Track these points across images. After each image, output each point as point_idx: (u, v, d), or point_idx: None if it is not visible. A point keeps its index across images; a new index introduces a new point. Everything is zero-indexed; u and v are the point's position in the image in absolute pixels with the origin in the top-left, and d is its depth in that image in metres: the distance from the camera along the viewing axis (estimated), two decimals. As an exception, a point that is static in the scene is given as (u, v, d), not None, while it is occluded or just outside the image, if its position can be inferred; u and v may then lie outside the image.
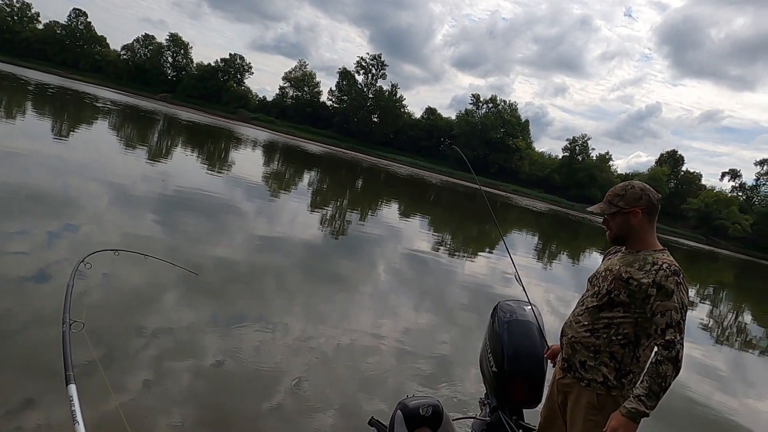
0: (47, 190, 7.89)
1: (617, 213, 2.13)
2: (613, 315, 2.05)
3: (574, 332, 2.17)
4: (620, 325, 2.04)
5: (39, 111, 21.43)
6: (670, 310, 1.91)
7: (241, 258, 6.93)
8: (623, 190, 2.14)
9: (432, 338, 5.56)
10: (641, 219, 2.09)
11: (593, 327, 2.09)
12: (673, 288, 1.92)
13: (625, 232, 2.13)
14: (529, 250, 16.54)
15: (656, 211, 2.12)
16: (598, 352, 2.08)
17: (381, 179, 35.65)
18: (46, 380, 3.09)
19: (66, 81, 59.26)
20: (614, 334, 2.05)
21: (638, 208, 2.10)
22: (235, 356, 4.00)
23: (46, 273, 4.70)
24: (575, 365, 2.15)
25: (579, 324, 2.16)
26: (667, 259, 2.01)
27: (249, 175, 16.81)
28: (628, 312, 2.02)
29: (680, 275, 1.96)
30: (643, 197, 2.10)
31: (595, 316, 2.10)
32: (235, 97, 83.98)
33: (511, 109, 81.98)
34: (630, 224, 2.11)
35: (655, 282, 1.95)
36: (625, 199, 2.12)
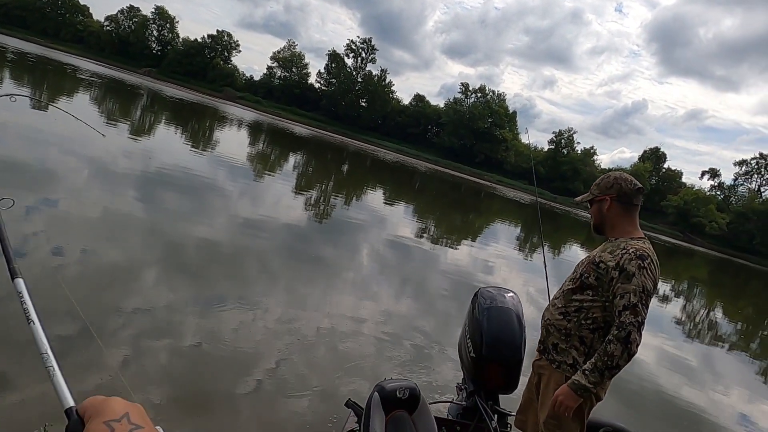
0: (22, 164, 7.69)
1: (592, 201, 2.24)
2: (584, 298, 2.10)
3: (550, 315, 2.24)
4: (590, 309, 2.09)
5: (19, 81, 20.80)
6: (629, 292, 1.94)
7: (222, 238, 6.88)
8: (600, 179, 2.25)
9: (411, 324, 5.61)
10: (612, 206, 2.16)
11: (566, 310, 2.15)
12: (634, 271, 1.95)
13: (599, 219, 2.22)
14: (511, 240, 16.71)
15: (629, 200, 2.16)
16: (569, 335, 2.14)
17: (367, 164, 35.52)
18: (20, 353, 3.05)
19: (47, 50, 57.51)
20: (584, 318, 2.10)
21: (608, 195, 2.17)
22: (214, 336, 3.98)
23: (21, 244, 4.61)
24: (549, 347, 2.22)
25: (554, 307, 2.23)
26: (636, 245, 2.04)
27: (233, 156, 16.60)
28: (597, 295, 2.07)
29: (646, 260, 1.97)
30: (614, 185, 2.17)
31: (568, 298, 2.17)
32: (222, 75, 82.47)
33: (499, 99, 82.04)
34: (602, 211, 2.19)
35: (618, 264, 1.99)
36: (600, 187, 2.22)
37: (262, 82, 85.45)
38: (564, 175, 73.09)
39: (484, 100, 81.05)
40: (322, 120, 76.66)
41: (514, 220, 25.12)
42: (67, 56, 58.74)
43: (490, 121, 78.72)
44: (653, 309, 10.29)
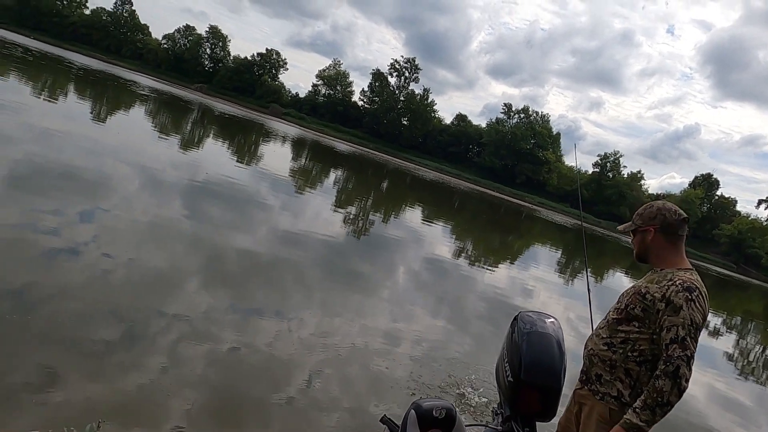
0: (79, 172, 8.12)
1: (635, 231, 2.21)
2: (630, 329, 2.06)
3: (594, 345, 2.20)
4: (636, 341, 2.04)
5: (82, 94, 22.11)
6: (676, 325, 1.89)
7: (262, 250, 7.01)
8: (643, 209, 2.21)
9: (447, 344, 5.52)
10: (656, 237, 2.13)
11: (611, 341, 2.11)
12: (681, 303, 1.90)
13: (643, 249, 2.19)
14: (551, 264, 16.29)
15: (674, 230, 2.12)
16: (614, 367, 2.09)
17: (406, 182, 35.62)
18: (68, 351, 3.18)
19: (108, 66, 60.98)
20: (630, 350, 2.05)
21: (651, 226, 2.14)
22: (250, 346, 4.04)
23: (74, 249, 4.84)
24: (592, 378, 2.17)
25: (599, 337, 2.19)
26: (684, 276, 1.99)
27: (277, 170, 17.00)
28: (643, 327, 2.02)
29: (694, 292, 1.92)
30: (657, 216, 2.14)
31: (613, 329, 2.12)
32: (269, 92, 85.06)
33: (542, 120, 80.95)
34: (646, 242, 2.16)
35: (665, 296, 1.95)
36: (642, 217, 2.18)
37: (307, 99, 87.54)
38: (609, 199, 71.02)
39: (527, 121, 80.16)
40: (363, 137, 77.63)
41: (554, 243, 24.52)
42: (126, 72, 62.06)
43: (532, 142, 77.69)
44: (703, 343, 9.77)
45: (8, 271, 4.01)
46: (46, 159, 8.09)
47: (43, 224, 5.19)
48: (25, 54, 34.06)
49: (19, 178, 6.64)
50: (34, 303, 3.65)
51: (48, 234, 5.00)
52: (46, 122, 11.71)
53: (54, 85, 21.95)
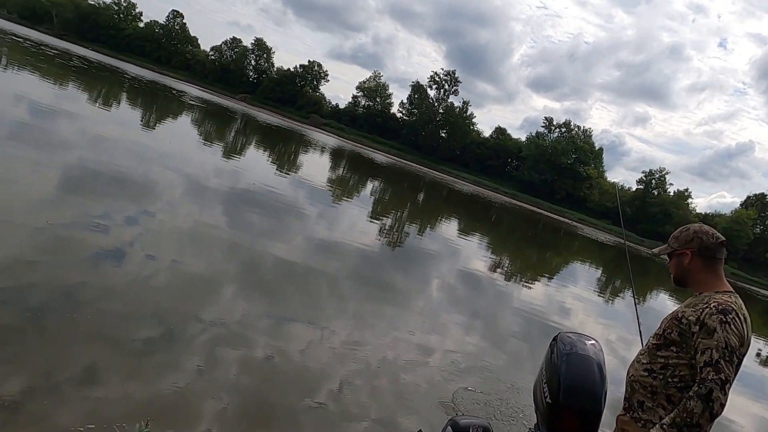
0: (128, 177, 8.47)
1: (671, 254, 2.19)
2: (669, 354, 2.04)
3: (635, 371, 2.18)
4: (676, 367, 2.01)
5: (134, 103, 23.15)
6: (710, 348, 1.85)
7: (298, 258, 7.11)
8: (679, 232, 2.20)
9: (480, 360, 5.43)
10: (693, 261, 2.11)
11: (651, 367, 2.09)
12: (715, 326, 1.87)
13: (680, 273, 2.17)
14: (591, 283, 15.82)
15: (712, 254, 2.10)
16: (655, 393, 2.06)
17: (443, 195, 35.47)
18: (111, 350, 3.30)
19: (159, 77, 63.71)
20: (671, 376, 2.02)
21: (688, 249, 2.12)
22: (282, 352, 4.09)
23: (120, 251, 5.04)
24: (634, 405, 2.14)
25: (639, 363, 2.17)
26: (720, 299, 1.96)
27: (315, 179, 17.26)
28: (681, 352, 2.00)
29: (729, 314, 1.88)
30: (695, 240, 2.12)
31: (653, 355, 2.11)
32: (310, 102, 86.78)
33: (584, 135, 79.22)
34: (683, 266, 2.14)
35: (699, 319, 1.92)
36: (679, 240, 2.17)
37: (347, 111, 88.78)
38: (653, 217, 68.54)
39: (569, 136, 78.61)
40: (401, 149, 77.95)
41: (594, 260, 23.83)
42: (176, 82, 64.63)
43: (574, 157, 76.05)
44: (751, 370, 9.23)
45: (59, 270, 4.21)
46: (97, 164, 8.49)
47: (93, 226, 5.43)
48: (84, 64, 35.99)
49: (72, 181, 6.99)
50: (81, 302, 3.82)
51: (97, 236, 5.23)
52: (100, 129, 12.30)
53: (108, 94, 23.08)
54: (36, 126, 10.02)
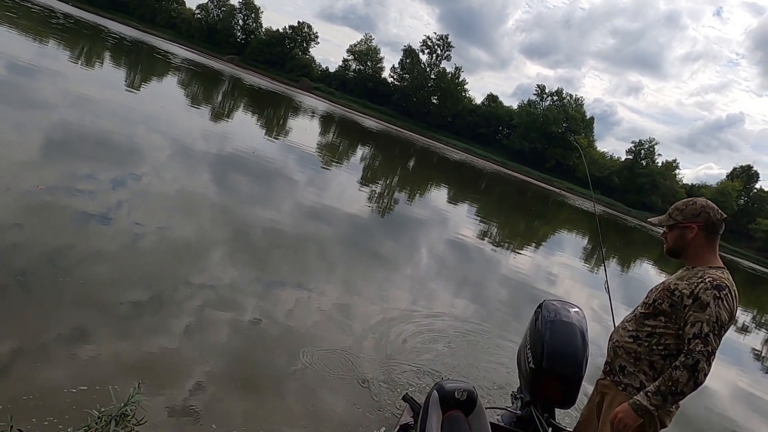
0: (113, 139, 8.30)
1: (674, 226, 2.17)
2: (656, 324, 2.09)
3: (619, 337, 2.23)
4: (662, 335, 2.07)
5: (116, 61, 22.47)
6: (701, 321, 1.91)
7: (288, 223, 7.09)
8: (684, 205, 2.17)
9: (466, 325, 5.53)
10: (697, 235, 2.11)
11: (637, 334, 2.15)
12: (709, 300, 1.92)
13: (680, 246, 2.16)
14: (577, 251, 16.06)
15: (716, 230, 2.12)
16: (638, 359, 2.13)
17: (433, 162, 35.36)
18: (99, 313, 3.30)
19: (143, 35, 61.65)
20: (656, 344, 2.08)
21: (695, 223, 2.11)
22: (270, 316, 4.12)
23: (107, 215, 4.98)
24: (615, 369, 2.20)
25: (625, 330, 2.22)
26: (715, 274, 2.00)
27: (304, 144, 17.06)
28: (670, 322, 2.05)
29: (723, 290, 1.94)
30: (702, 214, 2.11)
31: (640, 323, 2.16)
32: (299, 66, 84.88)
33: (576, 104, 78.86)
34: (685, 239, 2.13)
35: (693, 293, 1.97)
36: (684, 213, 2.14)
37: (337, 74, 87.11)
38: (641, 187, 69.23)
39: (561, 104, 78.23)
40: (392, 114, 77.08)
41: (582, 230, 24.11)
42: (160, 41, 62.64)
43: (564, 125, 75.92)
44: (731, 340, 9.53)
45: (44, 233, 4.16)
46: (81, 125, 8.29)
47: (78, 189, 5.35)
48: (66, 21, 34.68)
49: (55, 143, 6.84)
50: (68, 265, 3.79)
51: (82, 199, 5.15)
52: (83, 89, 11.96)
53: (91, 53, 22.34)
54: (17, 84, 9.71)
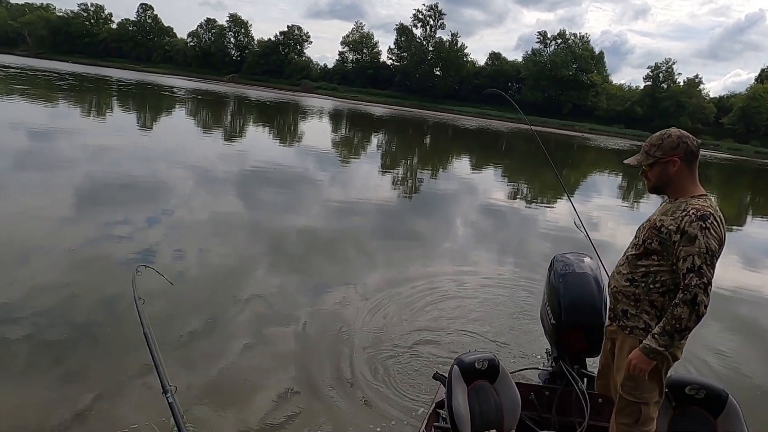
0: (137, 180, 8.55)
1: (655, 163, 2.12)
2: (649, 263, 2.09)
3: (616, 282, 2.23)
4: (657, 273, 2.07)
5: (125, 106, 23.05)
6: (692, 255, 1.91)
7: (321, 224, 7.19)
8: (660, 139, 2.12)
9: (517, 294, 5.51)
10: (680, 168, 2.07)
11: (632, 276, 2.15)
12: (696, 233, 1.92)
13: (663, 181, 2.12)
14: (613, 191, 15.68)
15: (695, 158, 2.10)
16: (638, 300, 2.13)
17: (449, 134, 35.01)
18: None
19: (143, 75, 62.93)
20: (652, 282, 2.09)
21: (676, 156, 2.07)
22: (319, 319, 4.21)
23: (149, 251, 5.17)
24: (618, 314, 2.21)
25: (620, 274, 2.21)
26: (697, 204, 1.99)
27: (319, 145, 17.17)
28: (662, 259, 2.05)
29: (708, 220, 1.93)
30: (680, 145, 2.07)
31: (633, 265, 2.15)
32: (297, 69, 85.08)
33: (582, 42, 76.39)
34: (668, 173, 2.09)
35: (679, 228, 1.96)
36: (662, 148, 2.10)
37: (336, 69, 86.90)
38: (666, 111, 66.70)
39: (566, 46, 75.90)
40: (397, 96, 76.49)
41: (612, 169, 23.50)
42: (161, 77, 63.80)
43: (574, 67, 73.70)
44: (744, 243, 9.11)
45: (96, 284, 4.35)
46: (105, 174, 8.57)
47: (116, 236, 5.55)
48: (70, 80, 35.72)
49: (85, 196, 7.10)
50: (122, 310, 3.96)
51: (123, 244, 5.35)
52: (100, 140, 12.35)
53: (100, 105, 22.98)
54: (38, 150, 10.10)
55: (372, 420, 3.00)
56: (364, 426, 2.94)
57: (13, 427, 2.57)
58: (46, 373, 3.06)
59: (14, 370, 3.03)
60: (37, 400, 2.82)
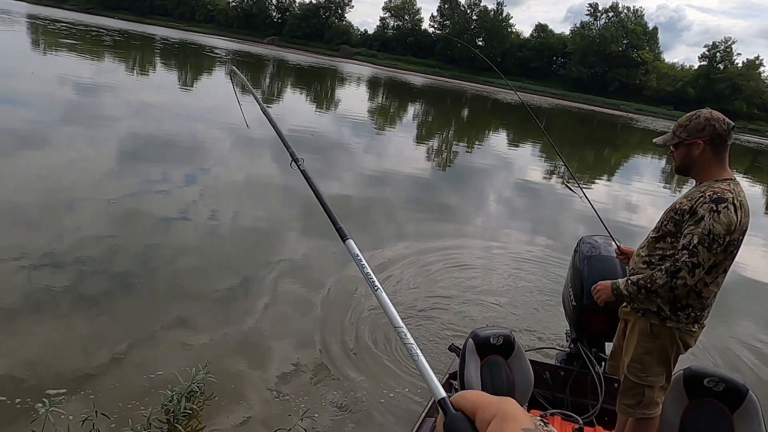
0: (177, 138, 8.74)
1: (679, 144, 2.05)
2: (665, 246, 2.06)
3: (634, 264, 2.20)
4: (673, 257, 2.00)
5: (168, 65, 23.40)
6: (692, 234, 1.88)
7: (352, 192, 7.23)
8: (688, 120, 2.04)
9: (536, 274, 5.45)
10: (703, 151, 1.99)
11: (650, 259, 2.11)
12: (704, 214, 1.87)
13: (687, 163, 2.06)
14: (655, 175, 15.13)
15: (723, 141, 2.00)
16: None
17: (487, 107, 34.25)
18: (192, 301, 3.60)
19: (186, 34, 63.47)
20: None
21: (700, 138, 1.98)
22: (341, 284, 4.28)
23: (185, 210, 5.33)
24: None
25: (638, 257, 2.19)
26: (717, 188, 1.92)
27: (355, 113, 17.09)
28: (676, 242, 1.99)
29: (722, 203, 1.86)
30: (707, 128, 1.98)
31: (652, 247, 2.12)
32: (337, 34, 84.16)
33: (636, 16, 72.59)
34: (691, 156, 2.02)
35: (691, 208, 1.92)
36: (688, 130, 2.02)
37: (377, 35, 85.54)
38: (721, 94, 63.20)
39: (618, 20, 72.29)
40: (437, 66, 74.94)
41: (657, 152, 22.62)
42: (203, 37, 64.23)
43: (625, 42, 70.29)
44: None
45: (133, 236, 4.53)
46: (146, 131, 8.80)
47: (155, 190, 5.74)
48: (116, 36, 36.38)
49: (128, 151, 7.32)
50: (158, 263, 4.13)
51: (161, 199, 5.53)
52: (143, 96, 12.62)
53: (144, 62, 23.39)
54: (84, 104, 10.41)
55: (385, 386, 3.07)
56: (376, 391, 3.02)
57: (55, 365, 2.74)
58: (85, 318, 3.24)
59: (58, 313, 3.22)
60: (77, 342, 2.99)
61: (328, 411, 2.77)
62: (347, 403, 2.87)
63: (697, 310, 2.02)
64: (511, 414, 0.46)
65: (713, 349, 4.07)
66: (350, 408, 2.83)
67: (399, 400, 2.95)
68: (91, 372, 2.72)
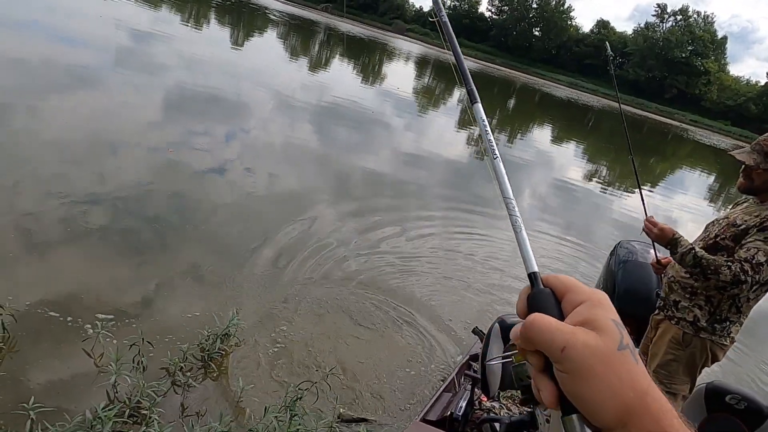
0: (223, 95, 8.87)
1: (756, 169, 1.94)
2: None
3: (675, 272, 2.16)
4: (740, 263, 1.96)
5: (222, 21, 23.62)
6: (759, 249, 1.82)
7: (386, 170, 7.23)
8: None
9: (569, 272, 5.37)
10: None
11: None
12: None
13: (759, 186, 1.97)
14: (700, 191, 14.57)
15: None
16: (694, 294, 2.07)
17: (535, 100, 33.42)
18: (219, 254, 3.71)
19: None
20: None
21: None
22: (376, 254, 4.32)
23: (222, 165, 5.44)
24: (669, 303, 2.17)
25: (681, 268, 2.14)
26: None
27: (400, 90, 16.94)
28: (731, 257, 1.94)
29: None
30: None
31: None
32: (393, 8, 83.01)
33: (705, 22, 69.01)
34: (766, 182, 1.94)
35: (759, 223, 1.87)
36: None
37: (430, 13, 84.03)
38: (786, 114, 59.94)
39: (685, 24, 68.90)
40: (490, 52, 73.26)
41: (706, 167, 21.74)
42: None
43: (689, 49, 67.07)
44: None
45: (170, 185, 4.66)
46: (194, 85, 8.94)
47: (196, 143, 5.87)
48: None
49: (173, 103, 7.48)
50: (191, 212, 4.25)
51: (200, 154, 5.65)
52: (193, 50, 12.80)
53: (198, 15, 23.64)
54: (137, 50, 10.63)
55: (406, 355, 3.13)
56: (396, 358, 3.08)
57: (101, 296, 2.88)
58: (121, 257, 3.38)
59: (97, 253, 3.36)
60: (119, 277, 3.14)
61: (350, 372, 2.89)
62: (371, 364, 2.98)
63: (734, 324, 2.01)
64: (604, 303, 0.46)
65: (739, 370, 3.99)
66: (376, 373, 2.93)
67: (419, 370, 2.99)
68: (134, 305, 2.91)
